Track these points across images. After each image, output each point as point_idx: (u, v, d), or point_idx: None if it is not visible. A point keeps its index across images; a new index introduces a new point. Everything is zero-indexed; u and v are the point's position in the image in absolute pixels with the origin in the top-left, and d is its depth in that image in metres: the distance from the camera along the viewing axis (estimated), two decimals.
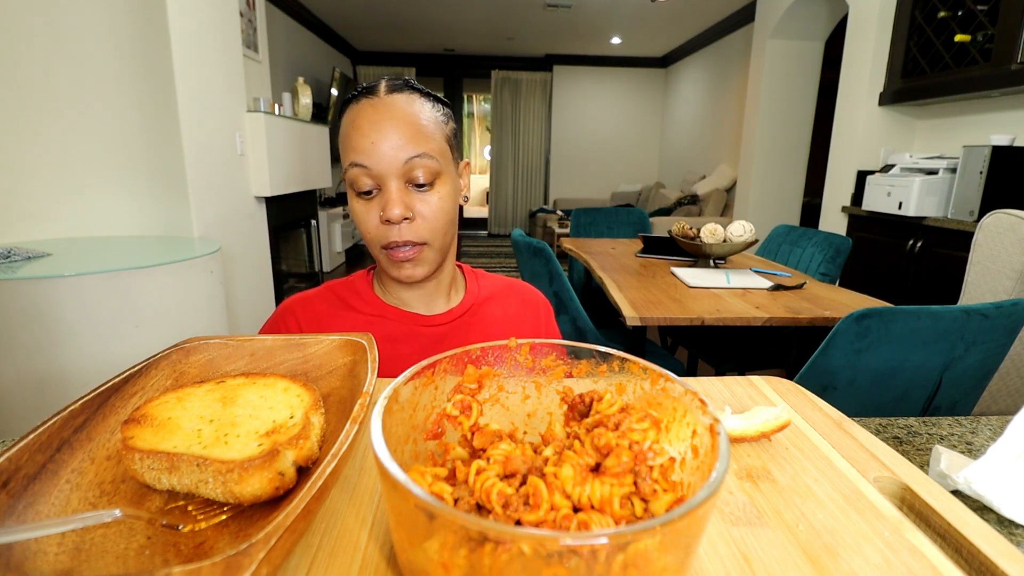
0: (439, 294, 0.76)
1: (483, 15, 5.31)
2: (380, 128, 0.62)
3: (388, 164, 0.62)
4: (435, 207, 0.65)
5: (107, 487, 0.34)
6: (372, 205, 0.65)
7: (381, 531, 0.34)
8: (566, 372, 0.40)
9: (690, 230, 1.85)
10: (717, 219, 4.79)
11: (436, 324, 0.74)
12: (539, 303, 0.84)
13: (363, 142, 0.62)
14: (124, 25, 2.01)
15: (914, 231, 2.39)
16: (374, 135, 0.62)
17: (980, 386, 1.07)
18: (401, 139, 0.62)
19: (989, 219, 1.46)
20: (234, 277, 2.57)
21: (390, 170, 0.62)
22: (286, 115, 3.09)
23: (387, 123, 0.62)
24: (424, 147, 0.63)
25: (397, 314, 0.74)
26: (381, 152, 0.62)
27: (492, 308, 0.79)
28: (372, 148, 0.62)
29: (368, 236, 0.67)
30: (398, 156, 0.62)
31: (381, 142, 0.61)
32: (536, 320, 0.82)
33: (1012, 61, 2.10)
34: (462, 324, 0.76)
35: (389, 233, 0.64)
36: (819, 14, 3.69)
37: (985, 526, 0.33)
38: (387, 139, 0.61)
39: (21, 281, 1.42)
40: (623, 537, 0.21)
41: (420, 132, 0.63)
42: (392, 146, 0.62)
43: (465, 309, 0.77)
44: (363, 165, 0.62)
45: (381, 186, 0.64)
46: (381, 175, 0.63)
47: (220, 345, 0.46)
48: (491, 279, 0.83)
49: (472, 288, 0.79)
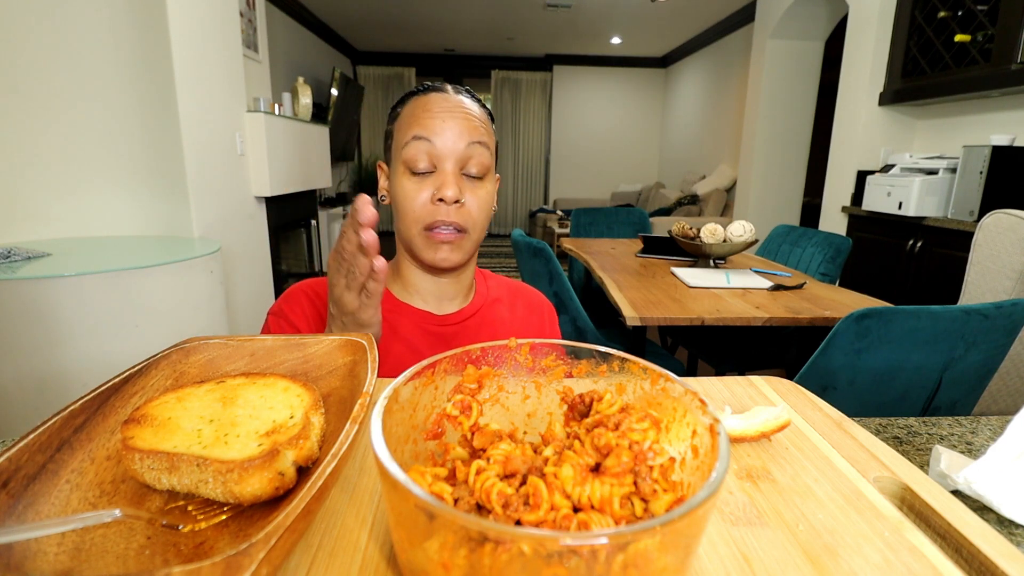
0: (458, 292, 0.76)
1: (483, 15, 5.31)
2: (450, 112, 0.66)
3: (451, 144, 0.65)
4: (482, 199, 0.69)
5: (107, 487, 0.34)
6: (424, 184, 0.67)
7: (381, 531, 0.34)
8: (566, 372, 0.40)
9: (690, 230, 1.85)
10: (717, 219, 4.79)
11: (447, 324, 0.75)
12: (544, 307, 0.85)
13: (432, 120, 0.66)
14: (124, 25, 2.01)
15: (914, 231, 2.39)
16: (444, 115, 0.66)
17: (980, 386, 1.07)
18: (466, 126, 0.66)
19: (989, 219, 1.46)
20: (234, 277, 2.57)
21: (452, 151, 0.66)
22: (286, 115, 3.09)
23: (456, 111, 0.67)
24: (483, 137, 0.68)
25: (409, 311, 0.74)
26: (447, 131, 0.65)
27: (500, 310, 0.80)
28: (440, 126, 0.65)
29: (412, 215, 0.67)
30: (461, 140, 0.66)
31: (449, 121, 0.66)
32: (541, 323, 0.83)
33: (1012, 61, 2.10)
34: (472, 325, 0.76)
35: (437, 212, 0.66)
36: (819, 14, 3.69)
37: (985, 526, 0.33)
38: (455, 122, 0.66)
39: (21, 281, 1.42)
40: (623, 537, 0.21)
41: (481, 126, 0.68)
42: (457, 130, 0.66)
43: (475, 310, 0.77)
44: (427, 139, 0.65)
45: (438, 167, 0.66)
46: (441, 154, 0.66)
47: (220, 345, 0.46)
48: (497, 280, 0.84)
49: (481, 290, 0.80)
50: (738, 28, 5.01)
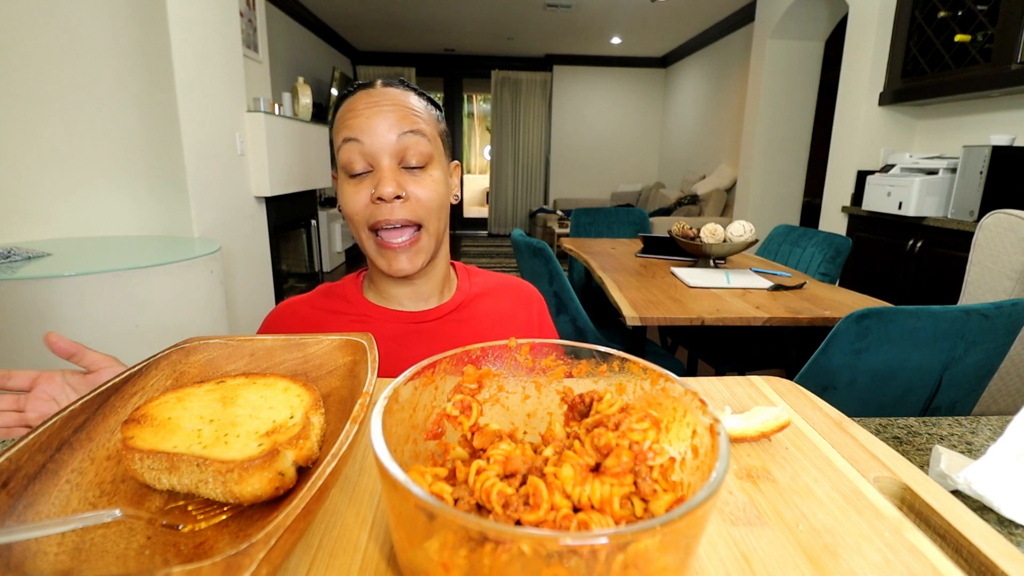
0: (432, 291, 0.75)
1: (483, 15, 5.30)
2: (376, 106, 0.63)
3: (382, 139, 0.63)
4: (428, 187, 0.66)
5: (107, 487, 0.34)
6: (363, 186, 0.65)
7: (381, 531, 0.33)
8: (566, 372, 0.40)
9: (690, 230, 1.85)
10: (717, 219, 4.79)
11: (424, 320, 0.73)
12: (532, 298, 0.83)
13: (357, 120, 0.63)
14: (124, 25, 2.01)
15: (914, 231, 2.39)
16: (368, 112, 0.63)
17: (980, 386, 1.07)
18: (395, 117, 0.63)
19: (989, 219, 1.46)
20: (234, 277, 2.57)
21: (384, 145, 0.63)
22: (286, 115, 3.09)
23: (383, 103, 0.64)
24: (417, 124, 0.64)
25: (383, 313, 0.73)
26: (374, 127, 0.63)
27: (483, 304, 0.78)
28: (366, 124, 0.63)
29: (356, 217, 0.65)
30: (391, 132, 0.63)
31: (375, 118, 0.63)
32: (529, 315, 0.81)
33: (1012, 61, 2.10)
34: (451, 320, 0.75)
35: (380, 211, 0.64)
36: (819, 14, 3.68)
37: (985, 526, 0.33)
38: (381, 116, 0.63)
39: (21, 281, 1.42)
40: (623, 537, 0.21)
41: (413, 114, 0.65)
42: (386, 123, 0.63)
43: (455, 306, 0.76)
44: (356, 139, 0.63)
45: (374, 166, 0.64)
46: (374, 152, 0.63)
47: (220, 345, 0.46)
48: (485, 276, 0.82)
49: (463, 286, 0.79)
50: (738, 28, 5.01)
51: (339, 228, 5.06)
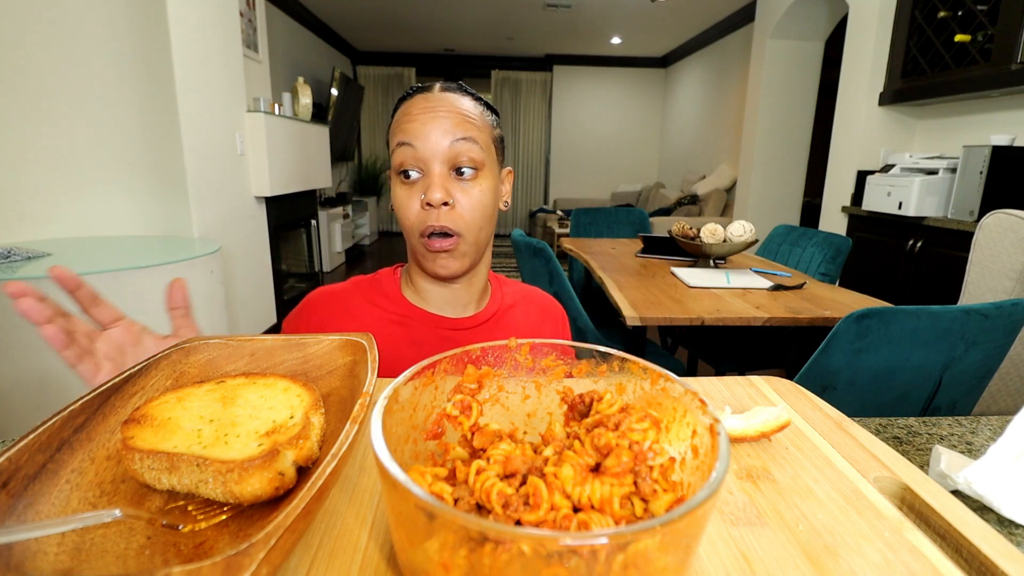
0: (470, 298, 0.75)
1: (483, 15, 5.31)
2: (431, 112, 0.64)
3: (434, 145, 0.63)
4: (475, 198, 0.66)
5: (107, 487, 0.34)
6: (415, 190, 0.65)
7: (381, 531, 0.33)
8: (566, 372, 0.40)
9: (690, 230, 1.85)
10: (717, 219, 4.79)
11: (461, 328, 0.74)
12: (556, 312, 0.85)
13: (412, 124, 0.64)
14: (124, 25, 2.01)
15: (914, 231, 2.39)
16: (423, 117, 0.64)
17: (980, 386, 1.07)
18: (449, 123, 0.64)
19: (989, 219, 1.46)
20: (234, 277, 2.57)
21: (436, 152, 0.64)
22: (286, 115, 3.09)
23: (437, 110, 0.64)
24: (471, 133, 0.65)
25: (422, 315, 0.73)
26: (428, 132, 0.63)
27: (515, 315, 0.79)
28: (420, 129, 0.63)
29: (408, 223, 0.67)
30: (444, 139, 0.63)
31: (429, 123, 0.63)
32: (554, 329, 0.83)
33: (1012, 61, 2.10)
34: (487, 329, 0.75)
35: (428, 217, 0.65)
36: (819, 14, 3.69)
37: (985, 526, 0.33)
38: (436, 122, 0.64)
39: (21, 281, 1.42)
40: (623, 537, 0.21)
41: (467, 120, 0.65)
42: (440, 129, 0.63)
43: (490, 315, 0.76)
44: (410, 144, 0.64)
45: (425, 170, 0.65)
46: (426, 157, 0.64)
47: (220, 345, 0.46)
48: (512, 286, 0.83)
49: (496, 295, 0.79)
50: (738, 28, 5.01)
51: (339, 228, 5.06)
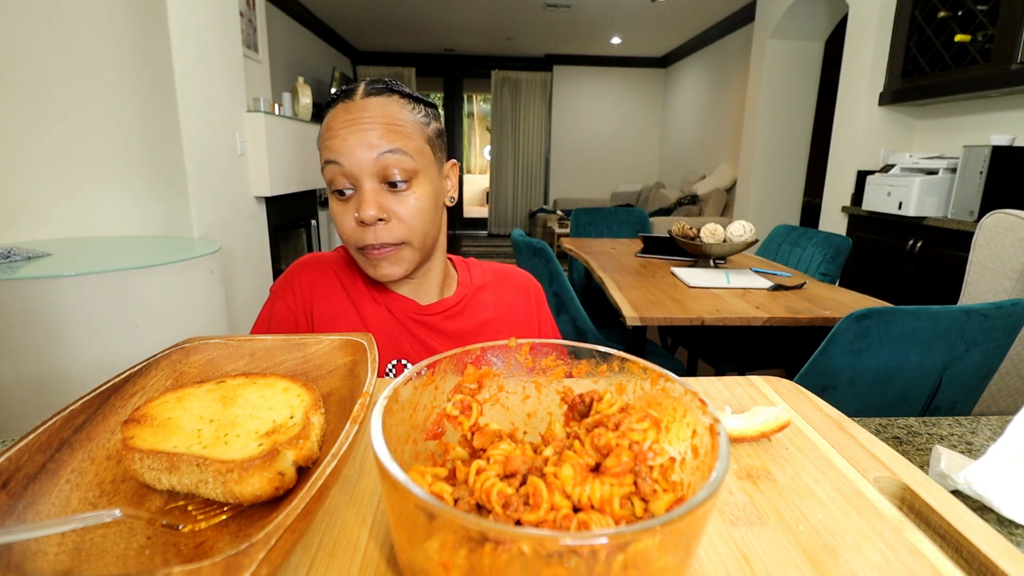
0: (430, 288, 0.76)
1: (483, 15, 5.30)
2: (352, 126, 0.62)
3: (360, 161, 0.62)
4: (411, 208, 0.64)
5: (107, 487, 0.34)
6: (348, 206, 0.64)
7: (381, 531, 0.33)
8: (566, 372, 0.40)
9: (690, 230, 1.85)
10: (717, 219, 4.79)
11: (429, 312, 0.74)
12: (530, 288, 0.84)
13: (335, 140, 0.62)
14: (124, 25, 2.01)
15: (914, 231, 2.39)
16: (345, 132, 0.62)
17: (980, 386, 1.07)
18: (374, 135, 0.62)
19: (989, 219, 1.46)
20: (234, 277, 2.56)
21: (363, 167, 0.62)
22: (286, 115, 3.09)
23: (360, 122, 0.62)
24: (397, 143, 0.62)
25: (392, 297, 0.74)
26: (351, 148, 0.61)
27: (485, 297, 0.79)
28: (344, 145, 0.62)
29: (345, 238, 0.66)
30: (369, 153, 0.61)
31: (352, 138, 0.61)
32: (528, 305, 0.82)
33: (1012, 61, 2.10)
34: (455, 312, 0.76)
35: (364, 235, 0.64)
36: (819, 14, 3.68)
37: (985, 526, 0.33)
38: (359, 135, 0.61)
39: (21, 281, 1.42)
40: (623, 537, 0.21)
41: (394, 130, 0.63)
42: (365, 143, 0.61)
43: (458, 300, 0.77)
44: (336, 162, 0.62)
45: (356, 186, 0.63)
46: (355, 173, 0.62)
47: (220, 345, 0.46)
48: (482, 268, 0.83)
49: (464, 280, 0.80)
50: (738, 28, 5.01)
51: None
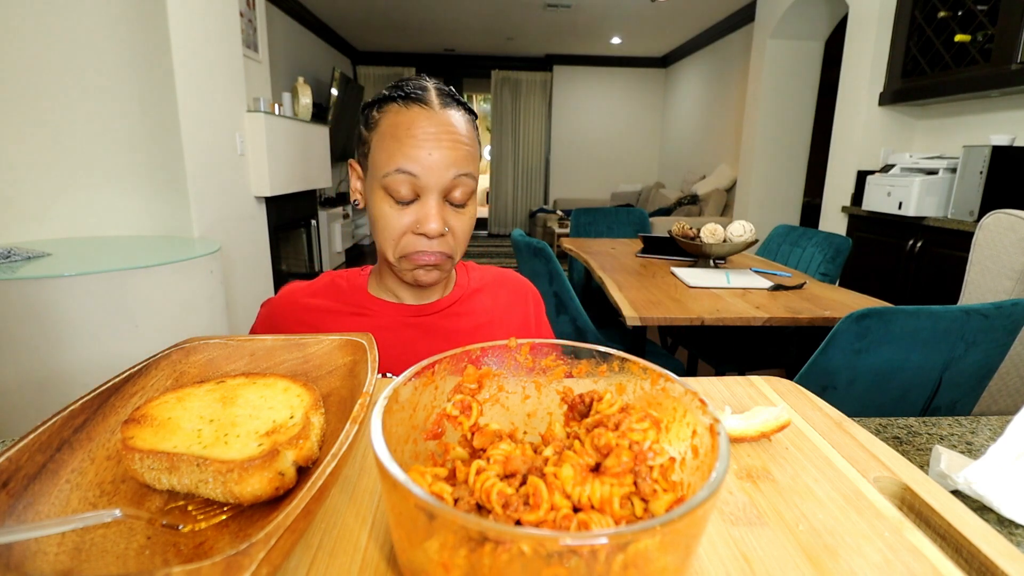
0: (435, 289, 0.77)
1: (483, 15, 5.30)
2: (437, 142, 0.62)
3: (439, 179, 0.62)
4: (465, 225, 0.67)
5: (107, 487, 0.34)
6: (406, 213, 0.64)
7: (381, 531, 0.33)
8: (566, 372, 0.40)
9: (690, 230, 1.85)
10: (717, 219, 4.79)
11: (424, 313, 0.75)
12: (528, 294, 0.84)
13: (419, 152, 0.62)
14: (124, 25, 2.01)
15: (914, 231, 2.39)
16: (431, 147, 0.62)
17: (980, 386, 1.07)
18: (454, 155, 0.63)
19: (989, 219, 1.46)
20: (234, 277, 2.57)
21: (437, 184, 0.63)
22: (286, 115, 3.09)
23: (444, 139, 0.62)
24: (470, 167, 0.65)
25: (381, 306, 0.74)
26: (433, 164, 0.62)
27: (481, 299, 0.80)
28: (427, 159, 0.62)
29: (391, 242, 0.66)
30: (448, 172, 0.63)
31: (437, 152, 0.62)
32: (525, 311, 0.82)
33: (1012, 61, 2.10)
34: (449, 314, 0.76)
35: (417, 243, 0.65)
36: (819, 14, 3.68)
37: (985, 526, 0.33)
38: (441, 152, 0.62)
39: (21, 281, 1.42)
40: (623, 537, 0.21)
41: (468, 153, 0.65)
42: (445, 162, 0.62)
43: (454, 300, 0.77)
44: (412, 174, 0.62)
45: (419, 196, 0.64)
46: (426, 187, 0.63)
47: (220, 345, 0.46)
48: (481, 271, 0.84)
49: (462, 281, 0.80)
50: (738, 28, 5.01)
51: (339, 228, 5.06)
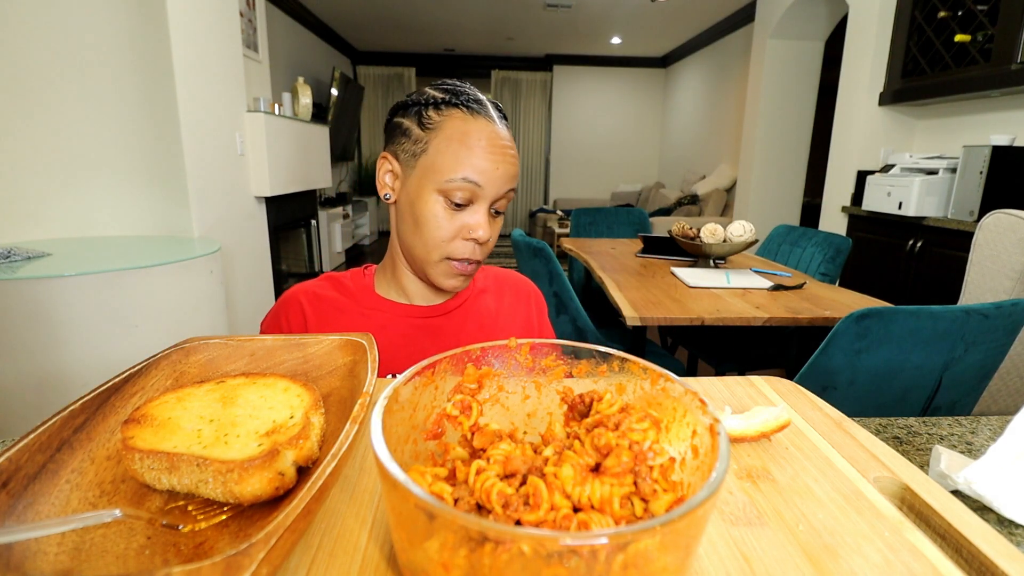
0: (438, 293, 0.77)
1: (483, 15, 5.30)
2: (503, 156, 0.67)
3: (496, 190, 0.67)
4: (497, 231, 0.72)
5: (107, 487, 0.34)
6: (456, 216, 0.67)
7: (381, 531, 0.33)
8: (566, 372, 0.40)
9: (690, 230, 1.85)
10: (717, 219, 4.79)
11: (431, 315, 0.75)
12: (531, 295, 0.85)
13: (487, 165, 0.65)
14: (124, 25, 2.01)
15: (914, 231, 2.39)
16: (498, 161, 0.66)
17: (980, 386, 1.07)
18: (513, 171, 0.68)
19: (989, 219, 1.46)
20: (234, 277, 2.57)
21: (495, 195, 0.67)
22: (286, 115, 3.09)
23: (508, 154, 0.67)
24: (515, 184, 0.70)
25: (392, 306, 0.75)
26: (498, 178, 0.66)
27: (487, 300, 0.81)
28: (494, 172, 0.66)
29: (438, 243, 0.67)
30: (503, 186, 0.67)
31: (501, 168, 0.66)
32: (528, 312, 0.84)
33: (1012, 61, 2.10)
34: (458, 316, 0.77)
35: (464, 249, 0.68)
36: (819, 14, 3.68)
37: (985, 526, 0.33)
38: (505, 169, 0.67)
39: (21, 281, 1.42)
40: (623, 537, 0.21)
41: (518, 169, 0.70)
42: (507, 176, 0.67)
43: (461, 302, 0.78)
44: (478, 184, 0.65)
45: (473, 203, 0.67)
46: (484, 197, 0.67)
47: (220, 345, 0.46)
48: (484, 272, 0.85)
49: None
50: (738, 28, 5.01)
51: (339, 228, 5.06)
